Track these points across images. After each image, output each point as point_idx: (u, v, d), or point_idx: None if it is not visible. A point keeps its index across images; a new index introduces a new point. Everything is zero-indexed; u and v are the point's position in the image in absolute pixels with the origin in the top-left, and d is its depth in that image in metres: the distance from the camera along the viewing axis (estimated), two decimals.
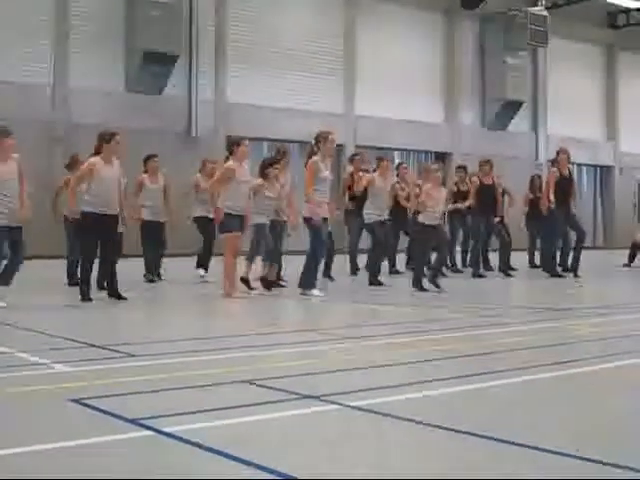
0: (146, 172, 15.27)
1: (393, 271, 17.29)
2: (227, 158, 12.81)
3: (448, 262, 17.61)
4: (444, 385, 5.78)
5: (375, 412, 4.91)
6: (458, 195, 18.22)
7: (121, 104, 24.90)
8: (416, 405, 5.21)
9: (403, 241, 18.51)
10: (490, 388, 5.77)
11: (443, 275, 15.62)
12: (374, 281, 14.45)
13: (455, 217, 18.63)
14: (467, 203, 17.44)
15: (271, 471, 3.77)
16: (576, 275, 16.91)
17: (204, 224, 15.15)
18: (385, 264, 16.31)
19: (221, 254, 12.94)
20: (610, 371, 6.52)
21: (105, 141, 11.76)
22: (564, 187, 17.03)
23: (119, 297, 11.62)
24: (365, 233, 15.96)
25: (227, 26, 27.57)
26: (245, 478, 3.73)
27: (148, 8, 24.91)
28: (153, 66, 25.26)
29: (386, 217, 15.22)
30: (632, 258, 22.05)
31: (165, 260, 15.69)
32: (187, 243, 19.88)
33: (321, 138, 13.04)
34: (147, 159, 15.44)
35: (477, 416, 4.94)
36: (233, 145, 12.86)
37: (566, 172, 17.24)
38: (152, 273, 15.06)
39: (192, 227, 15.60)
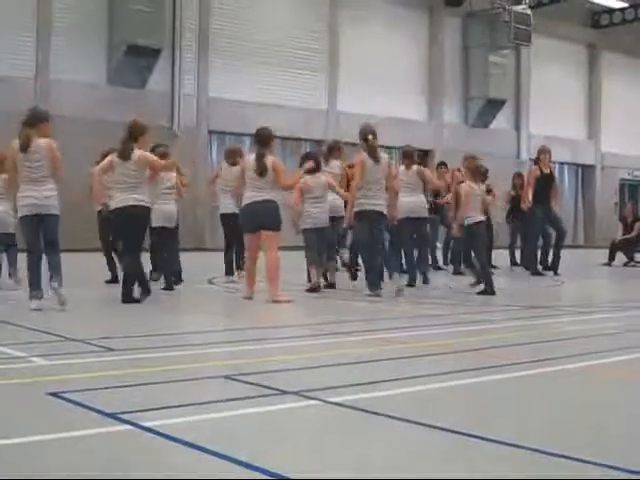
0: None
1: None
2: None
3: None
4: (426, 382, 5.77)
5: (356, 408, 4.90)
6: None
7: (103, 97, 24.80)
8: (397, 401, 5.20)
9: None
10: (472, 385, 5.77)
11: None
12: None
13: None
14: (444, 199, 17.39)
15: (249, 466, 3.75)
16: (556, 274, 16.98)
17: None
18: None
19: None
20: (591, 369, 6.53)
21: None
22: (545, 186, 17.09)
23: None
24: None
25: (211, 21, 27.51)
26: (221, 473, 3.71)
27: (131, 1, 24.81)
28: (136, 59, 25.15)
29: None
30: (612, 257, 22.16)
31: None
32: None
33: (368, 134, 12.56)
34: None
35: (458, 413, 4.93)
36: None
37: (547, 170, 17.29)
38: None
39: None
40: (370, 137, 12.47)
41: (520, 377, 6.09)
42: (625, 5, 37.48)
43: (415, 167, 14.11)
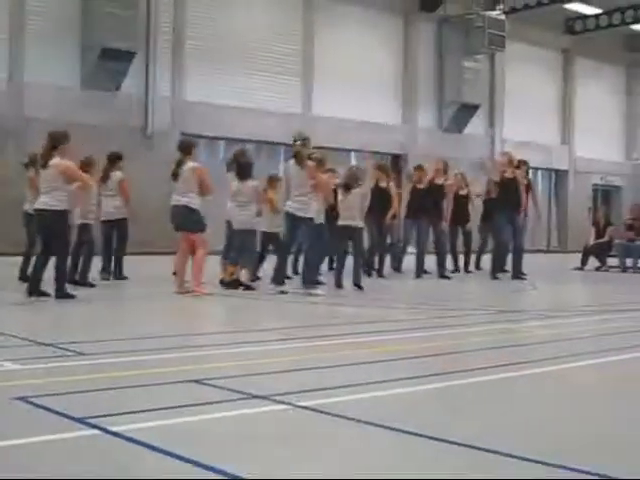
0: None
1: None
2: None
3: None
4: (396, 386, 5.79)
5: (324, 412, 4.91)
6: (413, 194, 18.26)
7: (77, 100, 24.69)
8: (366, 405, 5.22)
9: None
10: (439, 389, 5.79)
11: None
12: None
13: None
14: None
15: (218, 471, 3.76)
16: (516, 277, 16.99)
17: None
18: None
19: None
20: (562, 372, 6.57)
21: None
22: (507, 190, 17.08)
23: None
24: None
25: (185, 24, 27.45)
26: (191, 477, 3.71)
27: (105, 4, 24.70)
28: (110, 62, 25.02)
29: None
30: (585, 261, 22.28)
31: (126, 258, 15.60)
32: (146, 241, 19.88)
33: None
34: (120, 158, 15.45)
35: (425, 417, 4.95)
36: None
37: (507, 175, 17.22)
38: (108, 272, 15.02)
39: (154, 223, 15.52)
40: (298, 143, 13.11)
41: (487, 381, 6.12)
42: (599, 11, 37.69)
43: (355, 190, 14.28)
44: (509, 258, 17.60)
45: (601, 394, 5.91)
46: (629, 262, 21.66)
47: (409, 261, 18.39)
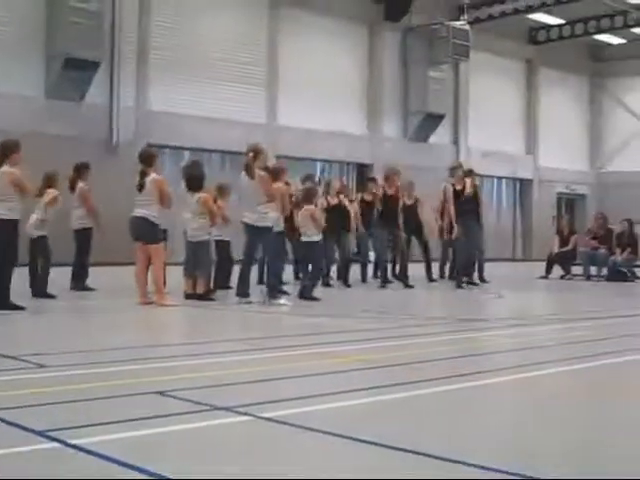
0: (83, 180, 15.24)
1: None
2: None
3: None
4: (357, 396, 5.78)
5: (287, 423, 4.90)
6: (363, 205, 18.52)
7: (41, 110, 24.53)
8: (330, 416, 5.21)
9: None
10: (408, 399, 5.79)
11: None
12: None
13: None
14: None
15: None
16: (459, 286, 17.15)
17: None
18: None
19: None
20: (524, 381, 6.59)
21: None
22: (462, 202, 17.30)
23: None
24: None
25: (150, 33, 27.36)
26: None
27: (70, 14, 24.57)
28: (74, 72, 24.88)
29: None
30: (549, 270, 22.41)
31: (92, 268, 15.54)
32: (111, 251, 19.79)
33: None
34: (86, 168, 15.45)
35: (387, 427, 4.94)
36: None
37: (459, 187, 17.43)
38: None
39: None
40: (250, 154, 13.22)
41: (451, 390, 6.13)
42: (562, 22, 38.00)
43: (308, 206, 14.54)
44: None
45: (564, 402, 5.93)
46: (593, 270, 21.81)
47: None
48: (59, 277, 14.38)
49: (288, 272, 16.37)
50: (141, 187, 12.72)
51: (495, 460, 4.17)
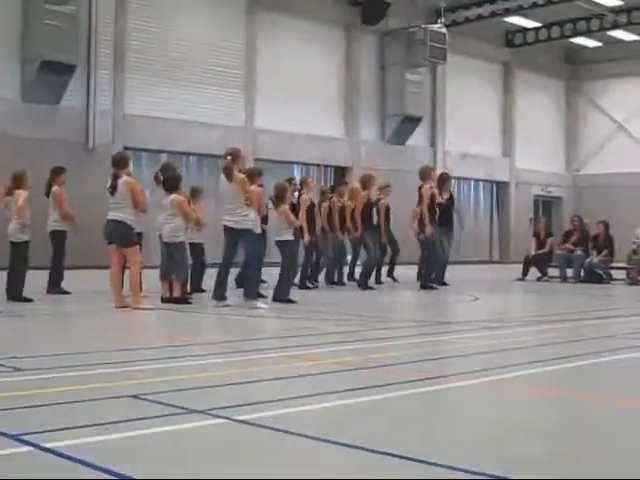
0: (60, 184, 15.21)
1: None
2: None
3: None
4: (334, 398, 5.80)
5: (262, 426, 4.92)
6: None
7: (17, 113, 24.43)
8: (303, 418, 5.23)
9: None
10: (377, 401, 5.82)
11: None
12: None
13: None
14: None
15: None
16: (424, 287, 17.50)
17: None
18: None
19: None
20: (494, 384, 6.63)
21: None
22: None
23: None
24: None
25: (126, 36, 27.28)
26: None
27: (46, 17, 24.47)
28: (50, 75, 24.79)
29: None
30: (526, 272, 22.51)
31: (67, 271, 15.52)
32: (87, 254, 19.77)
33: None
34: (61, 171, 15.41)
35: (362, 429, 4.96)
36: None
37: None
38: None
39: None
40: (228, 158, 13.22)
41: (424, 393, 6.17)
42: (538, 25, 38.16)
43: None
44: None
45: (535, 404, 5.98)
46: (569, 272, 21.93)
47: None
48: (35, 280, 14.34)
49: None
50: (113, 190, 12.71)
51: (468, 461, 4.20)
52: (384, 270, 19.82)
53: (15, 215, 13.62)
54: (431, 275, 17.91)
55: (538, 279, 22.40)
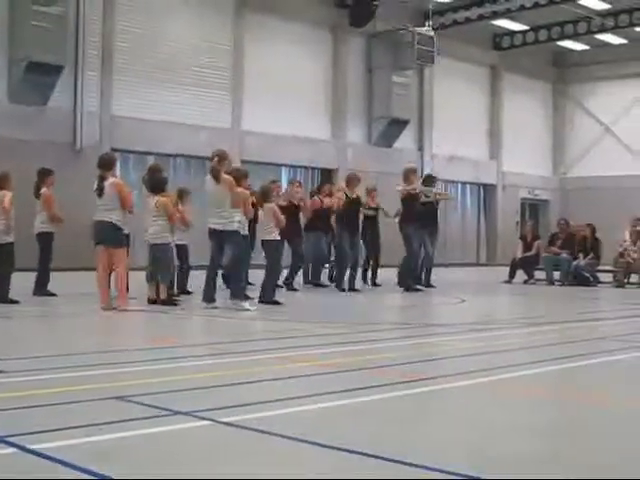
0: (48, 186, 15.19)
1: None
2: None
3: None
4: (322, 400, 5.81)
5: (247, 427, 4.92)
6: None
7: (4, 114, 24.33)
8: (291, 420, 5.24)
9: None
10: (364, 403, 5.82)
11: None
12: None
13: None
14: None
15: None
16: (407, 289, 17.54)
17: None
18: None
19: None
20: (483, 386, 6.64)
21: None
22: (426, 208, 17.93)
23: None
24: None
25: (114, 38, 27.21)
26: None
27: (32, 17, 24.39)
28: (37, 76, 24.72)
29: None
30: (512, 275, 22.56)
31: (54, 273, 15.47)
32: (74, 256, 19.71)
33: None
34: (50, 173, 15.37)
35: (353, 431, 4.96)
36: None
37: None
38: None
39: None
40: (215, 159, 13.31)
41: (409, 395, 6.17)
42: (526, 28, 38.24)
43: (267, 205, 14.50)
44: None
45: (524, 406, 5.99)
46: (556, 275, 21.98)
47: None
48: (21, 282, 14.31)
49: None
50: (100, 191, 12.74)
51: (452, 463, 4.21)
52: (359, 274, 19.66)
53: (1, 216, 13.58)
54: (411, 275, 17.87)
55: (525, 282, 22.44)
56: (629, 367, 8.05)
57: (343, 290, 17.28)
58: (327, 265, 19.71)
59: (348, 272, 17.77)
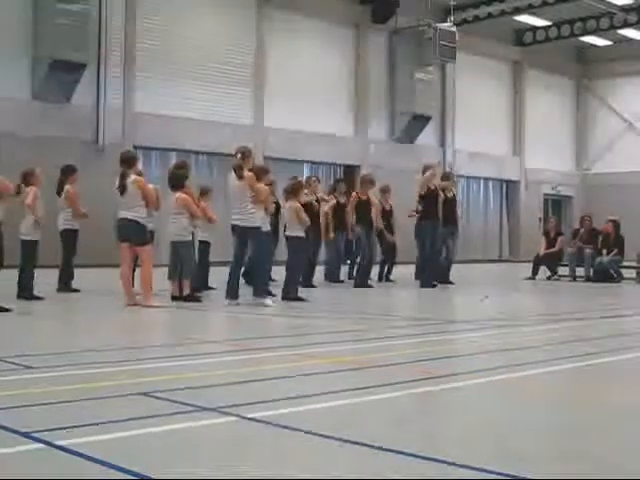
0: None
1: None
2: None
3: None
4: (341, 397, 5.80)
5: (272, 423, 4.92)
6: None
7: (28, 112, 24.48)
8: (315, 416, 5.24)
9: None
10: (391, 399, 5.82)
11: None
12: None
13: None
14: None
15: None
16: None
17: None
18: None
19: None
20: (507, 382, 6.63)
21: None
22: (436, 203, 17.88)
23: None
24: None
25: (137, 35, 27.30)
26: None
27: (56, 15, 24.51)
28: (61, 74, 24.84)
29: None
30: (535, 271, 22.49)
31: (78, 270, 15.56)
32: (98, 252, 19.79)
33: None
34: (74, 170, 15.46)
35: (374, 427, 4.96)
36: None
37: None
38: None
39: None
40: (238, 156, 13.35)
41: (432, 392, 6.18)
42: (548, 23, 38.13)
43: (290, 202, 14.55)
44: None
45: (544, 404, 5.98)
46: (579, 271, 21.90)
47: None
48: (46, 279, 14.38)
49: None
50: (123, 189, 12.76)
51: (476, 460, 4.20)
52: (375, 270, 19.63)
53: (28, 212, 13.64)
54: (430, 271, 17.87)
55: (548, 278, 22.38)
56: None
57: (370, 286, 17.30)
58: (348, 262, 19.75)
59: (361, 268, 17.85)
